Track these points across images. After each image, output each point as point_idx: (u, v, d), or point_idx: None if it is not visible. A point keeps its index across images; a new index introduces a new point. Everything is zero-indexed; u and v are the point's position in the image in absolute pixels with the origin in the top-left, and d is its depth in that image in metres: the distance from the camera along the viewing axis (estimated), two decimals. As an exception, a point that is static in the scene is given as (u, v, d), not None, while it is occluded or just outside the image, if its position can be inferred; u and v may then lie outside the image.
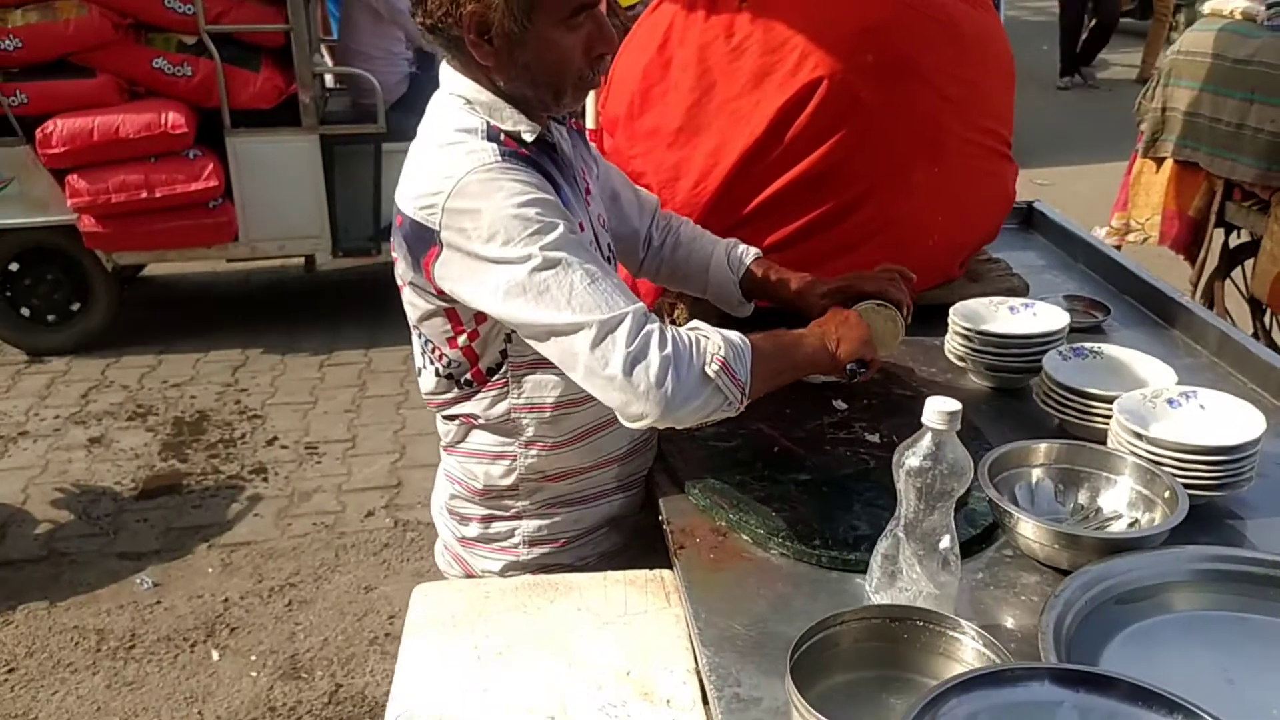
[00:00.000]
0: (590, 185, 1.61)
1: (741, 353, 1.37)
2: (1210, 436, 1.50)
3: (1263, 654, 1.19)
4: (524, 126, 1.42)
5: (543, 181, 1.38)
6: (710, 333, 1.37)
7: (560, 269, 1.32)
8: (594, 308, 1.31)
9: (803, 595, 1.33)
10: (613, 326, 1.31)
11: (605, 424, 1.55)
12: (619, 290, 1.35)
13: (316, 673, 2.94)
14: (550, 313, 1.32)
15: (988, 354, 1.81)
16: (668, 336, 1.32)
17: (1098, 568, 1.25)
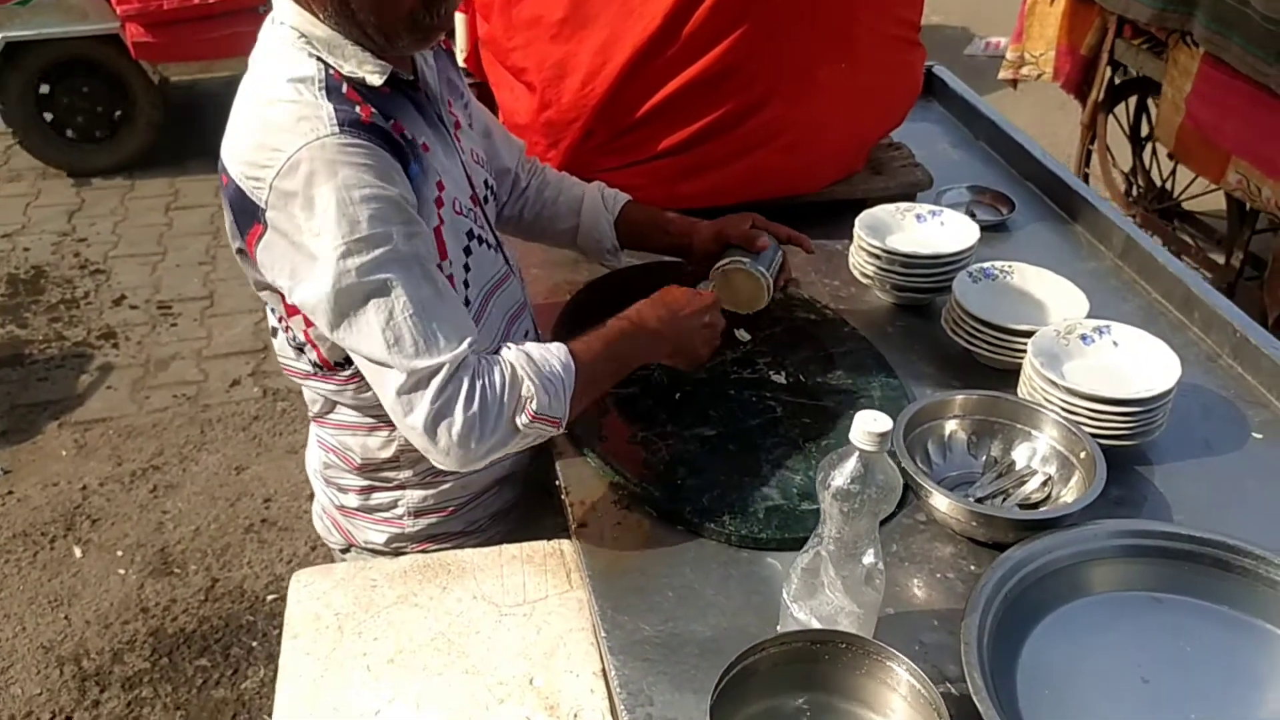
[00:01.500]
0: (460, 118, 1.41)
1: (560, 388, 1.23)
2: (1124, 380, 1.45)
3: (1176, 646, 1.18)
4: (370, 68, 1.20)
5: (386, 164, 1.16)
6: (527, 371, 1.21)
7: (380, 297, 1.15)
8: (408, 349, 1.16)
9: (712, 584, 1.26)
10: (423, 378, 1.16)
11: None
12: (444, 326, 1.18)
13: (190, 567, 2.82)
14: (361, 341, 1.17)
15: (894, 274, 1.71)
16: (476, 391, 1.17)
17: (1014, 556, 1.20)
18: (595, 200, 1.62)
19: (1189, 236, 3.88)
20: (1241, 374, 1.63)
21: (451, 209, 1.29)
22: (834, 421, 1.48)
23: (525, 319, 1.49)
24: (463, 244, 1.32)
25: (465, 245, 1.32)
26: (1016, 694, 1.12)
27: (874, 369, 1.59)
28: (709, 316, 1.39)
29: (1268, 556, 1.21)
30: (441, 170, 1.29)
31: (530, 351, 1.23)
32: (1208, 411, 1.55)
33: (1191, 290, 1.73)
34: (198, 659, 2.57)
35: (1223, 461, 1.47)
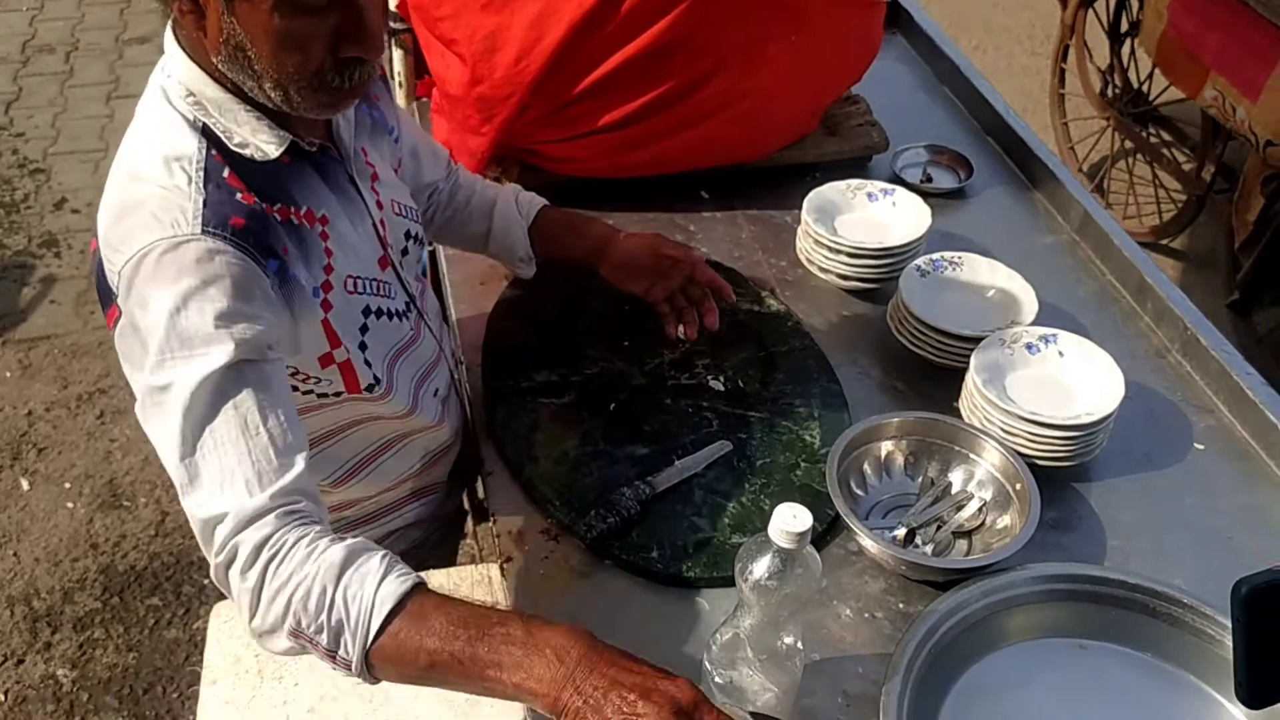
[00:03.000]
0: (379, 168, 1.30)
1: (355, 622, 0.95)
2: (1067, 397, 1.42)
3: (1097, 699, 1.18)
4: (265, 138, 1.09)
5: (248, 276, 1.03)
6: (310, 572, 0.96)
7: (190, 417, 0.98)
8: (202, 486, 0.98)
9: (639, 626, 1.24)
10: (210, 524, 0.98)
11: (387, 445, 1.37)
12: (252, 470, 0.98)
13: (139, 499, 2.80)
14: (165, 451, 1.01)
15: (841, 263, 1.65)
16: (257, 566, 0.96)
17: (939, 609, 1.19)
18: (508, 205, 1.54)
19: (1162, 143, 3.80)
20: (1190, 373, 1.60)
21: (343, 290, 1.19)
22: (770, 436, 1.45)
23: (437, 376, 1.41)
24: (358, 323, 1.22)
25: (361, 324, 1.23)
26: (936, 754, 1.12)
27: (815, 373, 1.54)
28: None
29: (1195, 605, 1.20)
30: (337, 244, 1.18)
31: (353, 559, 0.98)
32: (1152, 418, 1.52)
33: (1145, 279, 1.68)
34: (149, 598, 2.58)
35: (1163, 477, 1.45)
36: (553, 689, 0.92)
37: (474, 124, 1.69)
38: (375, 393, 1.25)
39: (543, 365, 1.52)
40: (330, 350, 1.17)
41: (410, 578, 0.98)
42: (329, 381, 1.20)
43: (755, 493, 1.37)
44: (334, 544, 0.99)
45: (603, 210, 1.82)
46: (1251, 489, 1.44)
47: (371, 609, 0.95)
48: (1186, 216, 3.62)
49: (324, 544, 0.99)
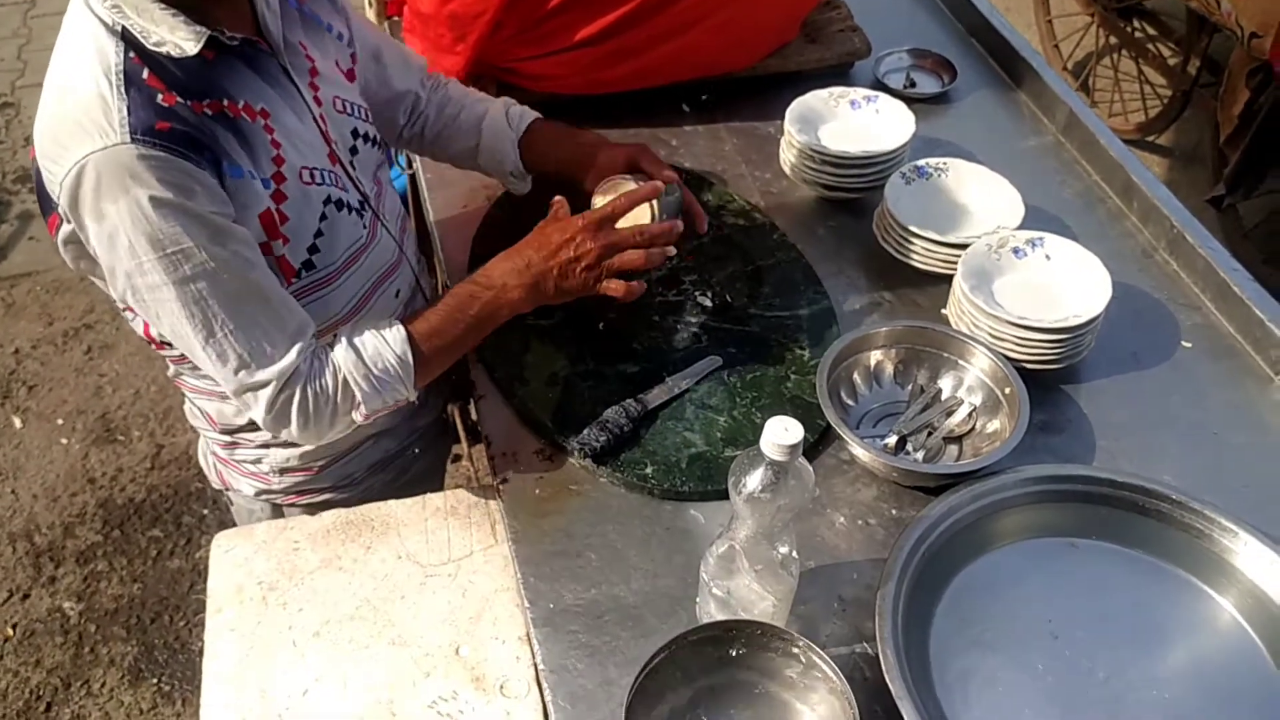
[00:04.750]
0: (319, 63, 1.27)
1: (395, 382, 1.23)
2: (1055, 300, 1.43)
3: (1088, 596, 1.20)
4: (183, 34, 1.08)
5: (185, 175, 1.06)
6: (354, 375, 1.20)
7: (195, 313, 1.12)
8: (233, 364, 1.16)
9: (635, 544, 1.26)
10: (252, 390, 1.18)
11: None
12: (270, 334, 1.16)
13: (133, 433, 2.81)
14: (186, 349, 1.17)
15: (825, 173, 1.64)
16: (309, 398, 1.19)
17: (932, 514, 1.20)
18: (499, 119, 1.51)
19: (1147, 38, 3.75)
20: (1176, 271, 1.60)
21: (298, 181, 1.20)
22: (760, 350, 1.45)
23: (398, 277, 1.41)
24: (318, 213, 1.23)
25: (321, 213, 1.23)
26: (929, 658, 1.15)
27: (803, 285, 1.54)
28: (577, 246, 1.27)
29: (1183, 500, 1.22)
30: (284, 137, 1.18)
31: (364, 347, 1.21)
32: (1139, 318, 1.53)
33: (1131, 178, 1.68)
34: (150, 529, 2.60)
35: (1150, 376, 1.46)
36: (526, 273, 1.27)
37: (447, 43, 1.66)
38: (312, 277, 1.25)
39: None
40: (269, 240, 1.18)
41: (390, 320, 1.25)
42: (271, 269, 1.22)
43: (746, 406, 1.38)
44: (344, 349, 1.21)
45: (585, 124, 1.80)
46: (1238, 385, 1.45)
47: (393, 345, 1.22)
48: (1172, 112, 3.59)
49: (340, 352, 1.21)
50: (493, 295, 1.27)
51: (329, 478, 1.45)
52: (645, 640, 1.16)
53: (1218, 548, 1.20)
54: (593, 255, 1.28)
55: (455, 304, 1.26)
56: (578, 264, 1.28)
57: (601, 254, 1.28)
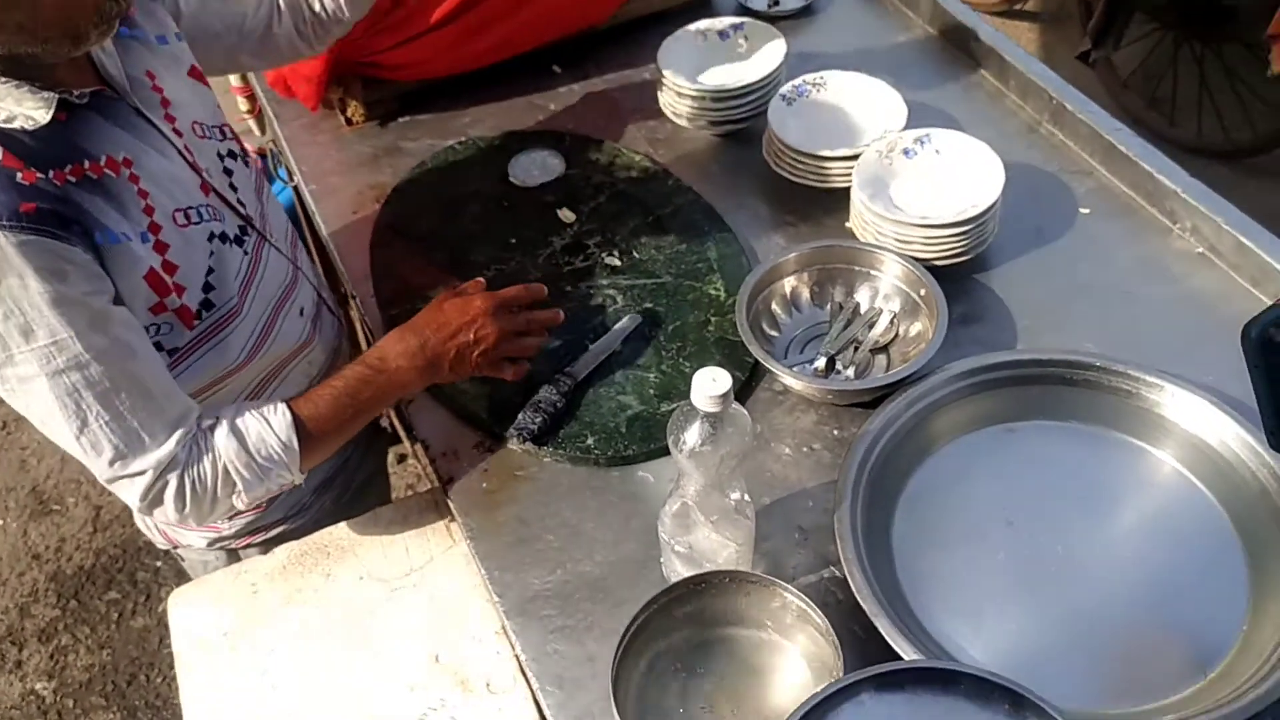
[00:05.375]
0: (169, 90, 1.22)
1: (279, 468, 1.17)
2: (952, 192, 1.44)
3: (1033, 477, 1.22)
4: (31, 105, 1.04)
5: (57, 256, 1.02)
6: (236, 465, 1.15)
7: (69, 404, 1.06)
8: (107, 455, 1.10)
9: (590, 516, 1.26)
10: (125, 477, 1.12)
11: (267, 379, 1.34)
12: (147, 421, 1.10)
13: (68, 500, 2.74)
14: (57, 435, 1.10)
15: (708, 110, 1.63)
16: (186, 486, 1.13)
17: (871, 430, 1.22)
18: None
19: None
20: (1063, 141, 1.62)
21: (174, 226, 1.16)
22: (675, 299, 1.45)
23: (298, 295, 1.37)
24: (205, 252, 1.19)
25: (208, 251, 1.20)
26: (895, 568, 1.17)
27: (706, 226, 1.54)
28: (477, 330, 1.26)
29: (1106, 365, 1.25)
30: (151, 183, 1.14)
31: (247, 433, 1.16)
32: (1035, 194, 1.55)
33: (1004, 56, 1.69)
34: (106, 593, 2.55)
35: (1056, 249, 1.49)
36: (420, 356, 1.24)
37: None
38: (213, 316, 1.22)
39: (436, 282, 1.49)
40: (161, 299, 1.14)
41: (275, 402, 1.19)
42: (168, 327, 1.17)
43: (673, 358, 1.38)
44: (225, 435, 1.15)
45: (459, 108, 1.78)
46: (1140, 240, 1.48)
47: (277, 430, 1.17)
48: (1033, -23, 3.63)
49: (221, 438, 1.15)
50: (385, 379, 1.24)
51: (279, 509, 1.42)
52: (619, 609, 1.16)
53: (1147, 404, 1.23)
54: (491, 340, 1.27)
55: (345, 387, 1.22)
56: (475, 348, 1.27)
57: (500, 339, 1.28)
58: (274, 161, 2.25)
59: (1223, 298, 1.39)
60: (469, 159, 1.68)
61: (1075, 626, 1.10)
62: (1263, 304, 0.82)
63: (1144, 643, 1.09)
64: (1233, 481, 1.16)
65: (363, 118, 1.76)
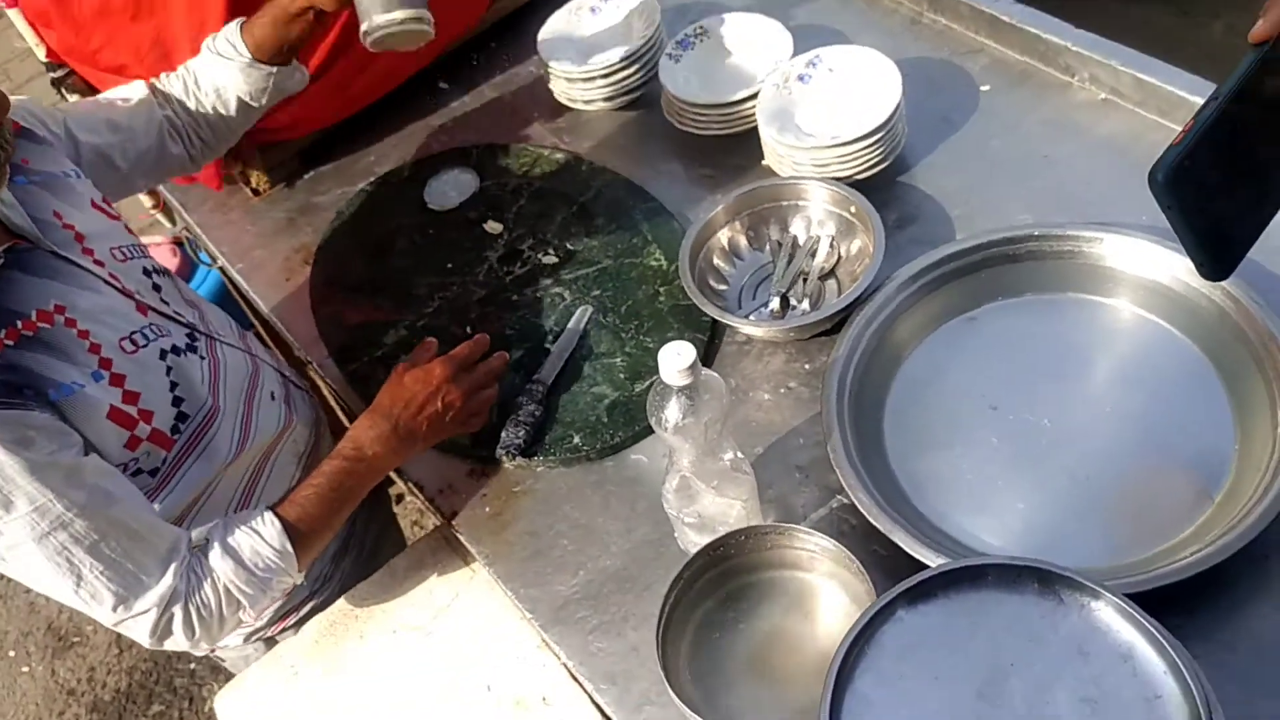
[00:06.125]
0: (80, 224, 1.21)
1: (279, 572, 1.18)
2: (855, 106, 1.45)
3: (1009, 366, 1.25)
4: None
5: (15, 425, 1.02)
6: (236, 582, 1.15)
7: (60, 564, 1.06)
8: (109, 602, 1.10)
9: (596, 512, 1.28)
10: (131, 618, 1.13)
11: (256, 473, 1.35)
12: (141, 562, 1.10)
13: (86, 629, 2.73)
14: (57, 593, 1.11)
15: (598, 87, 1.64)
16: (192, 614, 1.14)
17: (839, 356, 1.24)
18: (211, 65, 1.43)
19: None
20: (947, 25, 1.64)
21: (124, 355, 1.16)
22: (620, 280, 1.46)
23: (264, 380, 1.39)
24: (161, 370, 1.20)
25: (165, 368, 1.20)
26: (897, 480, 1.19)
27: (630, 200, 1.55)
28: (443, 396, 1.28)
29: (1045, 232, 1.27)
30: (90, 321, 1.14)
31: (240, 549, 1.16)
32: (934, 84, 1.57)
33: (871, -44, 1.70)
34: (149, 708, 2.55)
35: (966, 133, 1.51)
36: (394, 437, 1.26)
37: (190, 130, 1.60)
38: (190, 428, 1.23)
39: (386, 327, 1.50)
40: (130, 432, 1.15)
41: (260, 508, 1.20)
42: (146, 455, 1.18)
43: (633, 336, 1.40)
44: (220, 556, 1.15)
45: (360, 149, 1.78)
46: (1044, 101, 1.50)
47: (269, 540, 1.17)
48: None
49: (216, 560, 1.15)
50: (365, 466, 1.25)
51: (305, 588, 1.43)
52: (648, 593, 1.19)
53: (1092, 259, 1.26)
54: (459, 401, 1.29)
55: (328, 483, 1.22)
56: (446, 414, 1.28)
57: (467, 398, 1.29)
58: (192, 248, 2.23)
59: (1135, 136, 1.42)
60: (384, 197, 1.68)
61: (1080, 490, 1.13)
62: (1174, 132, 0.84)
63: (1147, 487, 1.12)
64: (1191, 312, 1.20)
65: (268, 184, 1.75)
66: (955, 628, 0.87)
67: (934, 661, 0.86)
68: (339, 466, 1.24)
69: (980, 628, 0.87)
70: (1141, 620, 0.83)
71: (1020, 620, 0.86)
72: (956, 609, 0.88)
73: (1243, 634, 1.00)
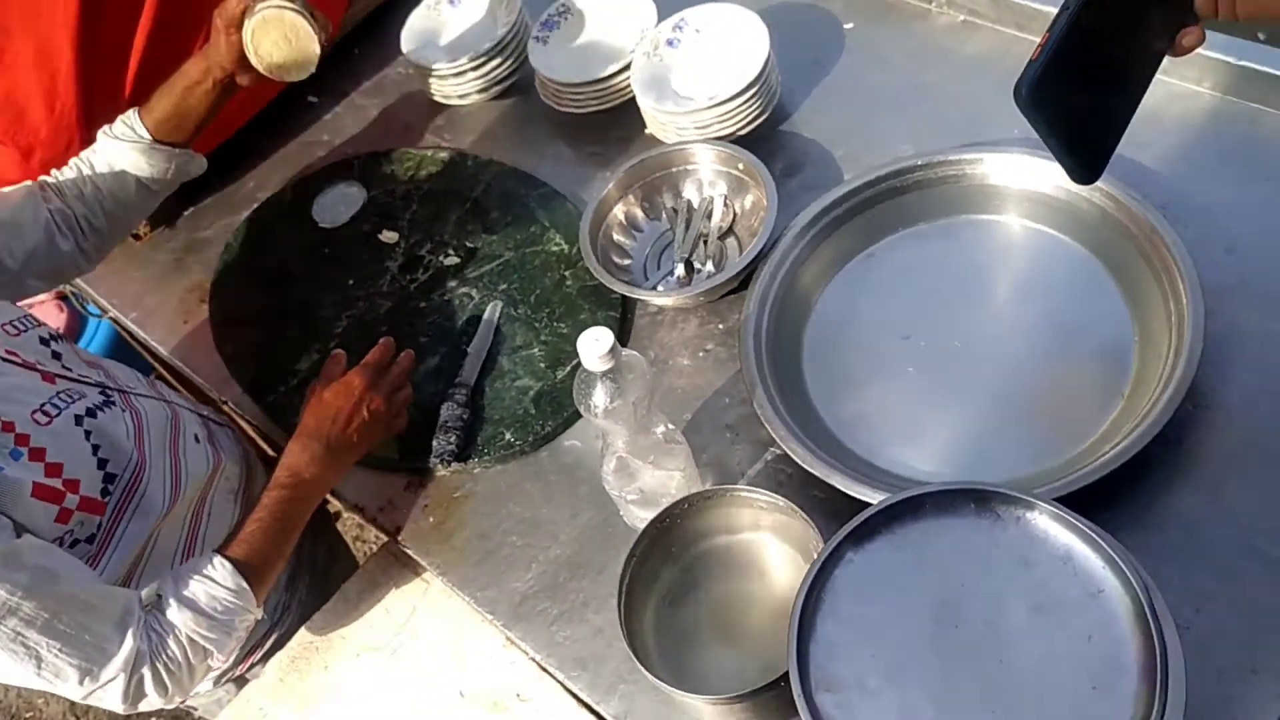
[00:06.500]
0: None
1: (240, 611, 1.16)
2: (727, 64, 1.46)
3: (914, 296, 1.27)
4: None
5: None
6: (199, 631, 1.13)
7: (13, 645, 1.04)
8: (74, 678, 1.08)
9: (539, 504, 1.28)
10: (100, 689, 1.10)
11: (196, 517, 1.33)
12: (98, 630, 1.08)
13: (38, 702, 2.65)
14: (19, 680, 1.08)
15: (469, 81, 1.62)
16: (161, 672, 1.12)
17: (750, 313, 1.26)
18: (108, 151, 1.39)
19: None
20: (802, -31, 1.66)
21: (39, 428, 1.13)
22: (524, 270, 1.46)
23: (185, 425, 1.36)
24: (79, 434, 1.17)
25: (83, 433, 1.18)
26: (825, 425, 1.22)
27: (522, 189, 1.55)
28: (367, 404, 1.28)
29: (928, 161, 1.30)
30: (5, 403, 1.12)
31: (196, 598, 1.14)
32: (799, 30, 1.59)
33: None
34: (119, 772, 2.49)
35: (838, 73, 1.54)
36: (328, 455, 1.25)
37: (57, 191, 1.55)
38: (120, 487, 1.21)
39: (297, 354, 1.48)
40: (58, 506, 1.13)
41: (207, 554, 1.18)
42: (79, 525, 1.16)
43: (547, 324, 1.40)
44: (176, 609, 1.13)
45: (238, 178, 1.74)
46: (907, 31, 1.54)
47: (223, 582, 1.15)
48: None
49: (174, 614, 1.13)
50: (305, 490, 1.24)
51: (266, 621, 1.41)
52: (604, 574, 1.20)
53: (976, 179, 1.29)
54: (382, 405, 1.29)
55: (270, 515, 1.21)
56: (374, 419, 1.28)
57: (389, 400, 1.30)
58: (79, 301, 2.17)
59: (999, 53, 1.46)
60: (271, 222, 1.65)
61: (999, 404, 1.17)
62: (1034, 45, 0.87)
63: (1062, 391, 1.17)
64: (1075, 216, 1.24)
65: (148, 228, 1.70)
66: (903, 560, 0.90)
67: (888, 596, 0.89)
68: (279, 496, 1.23)
69: (926, 556, 0.90)
70: (1074, 522, 0.87)
71: (963, 542, 0.90)
72: (901, 542, 0.91)
73: (1169, 517, 1.05)
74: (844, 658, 0.86)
